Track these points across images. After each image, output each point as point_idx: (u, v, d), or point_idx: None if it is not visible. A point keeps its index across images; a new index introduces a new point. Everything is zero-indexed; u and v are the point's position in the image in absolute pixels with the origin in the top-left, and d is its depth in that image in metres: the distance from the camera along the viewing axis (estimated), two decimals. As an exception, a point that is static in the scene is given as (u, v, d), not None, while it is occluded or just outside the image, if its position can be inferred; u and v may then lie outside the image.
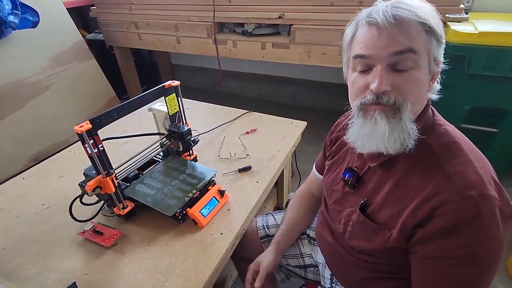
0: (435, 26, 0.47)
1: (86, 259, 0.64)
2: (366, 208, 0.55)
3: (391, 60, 0.46)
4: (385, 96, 0.47)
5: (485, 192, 0.43)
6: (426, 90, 0.50)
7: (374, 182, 0.55)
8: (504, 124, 1.30)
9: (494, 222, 0.43)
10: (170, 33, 1.89)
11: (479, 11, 1.55)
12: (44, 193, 0.84)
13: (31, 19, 1.60)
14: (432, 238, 0.46)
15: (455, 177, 0.45)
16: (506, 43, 1.14)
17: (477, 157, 0.48)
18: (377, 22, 0.46)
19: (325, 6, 1.43)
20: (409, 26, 0.46)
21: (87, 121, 0.58)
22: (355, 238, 0.58)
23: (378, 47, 0.46)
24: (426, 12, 0.47)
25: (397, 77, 0.46)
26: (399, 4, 0.47)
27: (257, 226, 0.83)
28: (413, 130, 0.48)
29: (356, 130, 0.53)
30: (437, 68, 0.50)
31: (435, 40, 0.47)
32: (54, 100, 1.80)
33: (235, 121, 1.14)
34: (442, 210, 0.44)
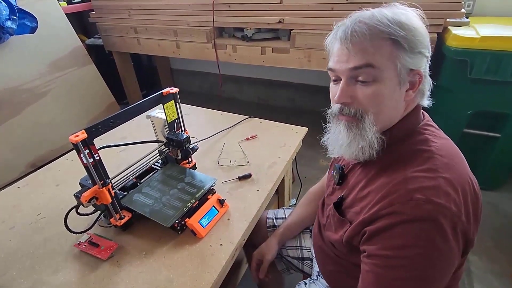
0: (402, 37, 0.46)
1: (81, 273, 0.62)
2: (342, 203, 0.58)
3: (351, 74, 0.49)
4: (346, 108, 0.51)
5: (434, 199, 0.42)
6: (394, 101, 0.50)
7: (353, 179, 0.58)
8: (507, 128, 1.29)
9: (439, 231, 0.42)
10: (169, 38, 1.88)
11: (480, 15, 1.54)
12: (39, 202, 0.82)
13: (29, 24, 1.59)
14: (373, 236, 0.47)
15: (411, 180, 0.45)
16: (508, 48, 1.13)
17: (451, 172, 0.46)
18: (340, 38, 0.49)
19: (325, 11, 1.42)
20: (366, 41, 0.47)
21: (82, 130, 0.56)
22: (329, 230, 0.62)
23: (341, 62, 0.50)
24: (395, 24, 0.46)
25: (358, 89, 0.49)
26: (365, 18, 0.48)
27: (267, 216, 0.90)
28: (375, 139, 0.50)
29: (328, 135, 0.58)
30: (415, 77, 0.49)
31: (403, 51, 0.47)
32: (52, 105, 1.79)
33: (235, 127, 1.12)
34: (388, 210, 0.45)
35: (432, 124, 0.55)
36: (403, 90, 0.50)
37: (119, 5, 1.98)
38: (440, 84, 1.38)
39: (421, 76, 0.50)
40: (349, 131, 0.52)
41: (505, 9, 1.51)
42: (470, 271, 1.15)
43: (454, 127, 1.38)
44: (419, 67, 0.49)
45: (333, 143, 0.56)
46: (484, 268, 1.16)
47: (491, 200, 1.43)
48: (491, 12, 1.54)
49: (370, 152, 0.51)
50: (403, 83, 0.49)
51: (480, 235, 1.25)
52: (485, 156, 1.41)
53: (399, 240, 0.43)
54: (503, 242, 1.25)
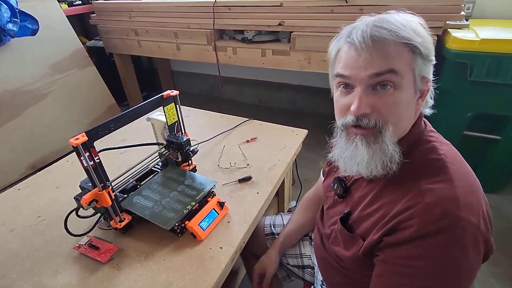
0: (420, 44, 0.45)
1: (81, 276, 0.62)
2: (349, 218, 0.56)
3: (371, 81, 0.45)
4: (365, 119, 0.47)
5: (452, 212, 0.41)
6: (410, 110, 0.49)
7: (358, 193, 0.56)
8: (507, 131, 1.29)
9: (459, 245, 0.41)
10: (169, 40, 1.89)
11: (479, 17, 1.54)
12: (39, 204, 0.82)
13: (30, 27, 1.60)
14: (393, 245, 0.46)
15: (428, 192, 0.44)
16: (508, 50, 1.13)
17: (463, 179, 0.46)
18: (355, 43, 0.45)
19: (325, 13, 1.43)
20: (389, 46, 0.44)
21: (82, 133, 0.57)
22: (336, 245, 0.59)
23: (357, 68, 0.46)
24: (410, 30, 0.45)
25: (377, 98, 0.46)
26: (381, 22, 0.46)
27: (264, 223, 0.88)
28: (396, 152, 0.47)
29: (338, 151, 0.53)
30: (426, 85, 0.49)
31: (420, 58, 0.46)
32: (53, 107, 1.79)
33: (235, 129, 1.12)
34: (407, 223, 0.44)
35: (433, 130, 0.54)
36: (415, 99, 0.49)
37: (120, 7, 1.99)
38: (440, 86, 1.38)
39: (430, 84, 0.49)
40: (367, 146, 0.48)
41: (505, 11, 1.51)
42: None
43: (454, 130, 1.38)
44: (429, 75, 0.49)
45: (347, 161, 0.51)
46: (486, 271, 1.15)
47: (492, 203, 1.42)
48: (491, 15, 1.54)
49: (391, 167, 0.48)
50: (416, 91, 0.48)
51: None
52: (485, 159, 1.41)
53: (417, 251, 0.43)
54: (505, 245, 1.24)
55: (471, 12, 1.56)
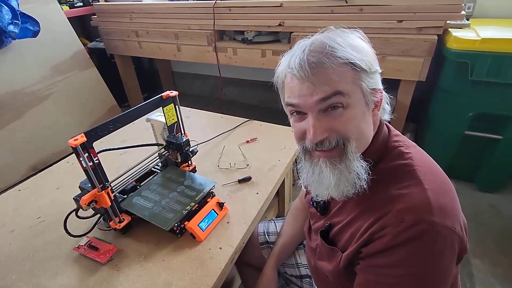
0: (360, 60, 0.44)
1: (80, 276, 0.62)
2: (329, 232, 0.56)
3: (320, 106, 0.45)
4: (325, 142, 0.46)
5: (425, 218, 0.41)
6: (367, 123, 0.48)
7: (336, 207, 0.56)
8: (509, 131, 1.28)
9: (434, 249, 0.41)
10: (170, 41, 1.89)
11: (480, 17, 1.54)
12: (39, 205, 0.83)
13: (31, 28, 1.60)
14: (371, 256, 0.45)
15: (398, 199, 0.44)
16: (509, 50, 1.12)
17: (433, 180, 0.45)
18: (295, 73, 0.45)
19: (326, 14, 1.42)
20: (328, 70, 0.44)
21: (81, 134, 0.57)
22: (322, 259, 0.59)
23: (303, 96, 0.45)
24: (348, 47, 0.45)
25: (331, 120, 0.45)
26: (317, 46, 0.45)
27: (258, 231, 0.85)
28: (362, 168, 0.47)
29: (306, 176, 0.52)
30: (377, 96, 0.49)
31: (364, 73, 0.45)
32: (54, 109, 1.80)
33: (235, 130, 1.12)
34: (381, 233, 0.43)
35: (397, 134, 0.53)
36: (370, 110, 0.48)
37: (121, 8, 2.00)
38: (440, 86, 1.38)
39: (381, 94, 0.49)
40: (332, 168, 0.47)
41: (505, 11, 1.50)
42: (472, 274, 1.13)
43: (455, 130, 1.38)
44: (379, 85, 0.49)
45: (316, 186, 0.51)
46: (486, 271, 1.14)
47: (493, 203, 1.42)
48: (491, 14, 1.53)
49: (360, 183, 0.47)
50: (368, 104, 0.48)
51: (482, 238, 1.25)
52: (486, 158, 1.40)
53: (393, 260, 0.43)
54: (505, 244, 1.23)
55: (472, 12, 1.55)
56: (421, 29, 1.30)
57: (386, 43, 1.33)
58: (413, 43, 1.28)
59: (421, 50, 1.28)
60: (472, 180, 1.51)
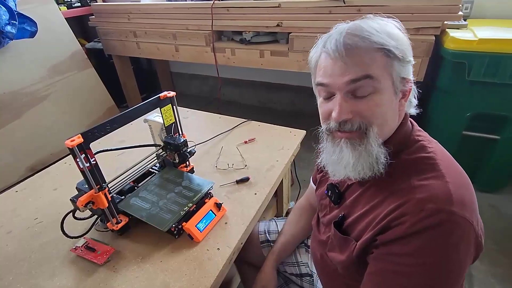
0: (394, 47, 0.46)
1: (77, 278, 0.62)
2: (343, 222, 0.56)
3: (349, 88, 0.46)
4: (348, 123, 0.48)
5: (445, 207, 0.41)
6: (393, 111, 0.49)
7: (352, 197, 0.56)
8: (506, 131, 1.29)
9: (451, 240, 0.41)
10: (168, 41, 1.89)
11: (477, 17, 1.54)
12: (37, 206, 0.82)
13: (29, 29, 1.60)
14: (386, 243, 0.45)
15: (419, 189, 0.44)
16: (506, 50, 1.13)
17: (453, 175, 0.46)
18: (330, 52, 0.47)
19: (323, 14, 1.43)
20: (362, 53, 0.45)
21: (78, 135, 0.57)
22: (332, 250, 0.59)
23: (335, 76, 0.47)
24: (384, 34, 0.46)
25: (357, 103, 0.47)
26: (354, 30, 0.47)
27: (258, 230, 0.86)
28: (381, 154, 0.48)
29: (325, 156, 0.54)
30: (407, 86, 0.49)
31: (396, 61, 0.46)
32: (52, 109, 1.79)
33: (233, 130, 1.12)
34: (400, 220, 0.44)
35: (420, 129, 0.54)
36: (397, 99, 0.49)
37: (119, 9, 2.00)
38: (438, 86, 1.38)
39: (411, 84, 0.50)
40: (353, 149, 0.48)
41: (503, 11, 1.51)
42: (471, 275, 1.14)
43: (453, 129, 1.38)
44: (410, 75, 0.49)
45: (334, 165, 0.52)
46: (486, 271, 1.15)
47: (492, 203, 1.42)
48: (489, 15, 1.54)
49: (378, 168, 0.48)
50: (397, 93, 0.49)
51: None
52: (485, 159, 1.41)
53: (409, 248, 0.43)
54: (505, 245, 1.23)
55: (469, 12, 1.56)
56: (418, 29, 1.30)
57: (384, 43, 1.33)
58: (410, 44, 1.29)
59: (419, 51, 1.28)
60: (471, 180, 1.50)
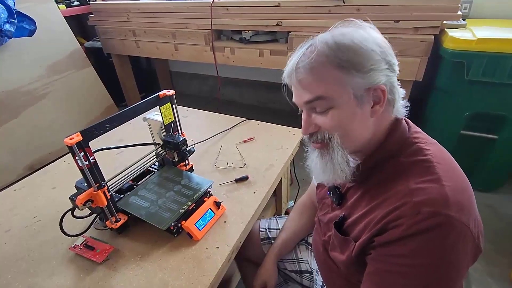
0: (347, 61, 0.45)
1: (76, 276, 0.62)
2: (344, 223, 0.57)
3: (308, 106, 0.51)
4: (314, 136, 0.53)
5: (441, 211, 0.41)
6: (360, 121, 0.49)
7: (353, 198, 0.57)
8: (505, 130, 1.29)
9: (448, 242, 0.41)
10: (167, 40, 1.89)
11: (476, 17, 1.55)
12: (35, 205, 0.82)
13: (27, 27, 1.59)
14: (383, 245, 0.46)
15: (416, 192, 0.44)
16: (504, 50, 1.13)
17: (452, 178, 0.46)
18: (288, 76, 0.51)
19: (323, 14, 1.43)
20: (310, 75, 0.48)
21: (77, 133, 0.56)
22: (334, 250, 0.60)
23: (296, 97, 0.52)
24: (338, 50, 0.46)
25: (319, 117, 0.51)
26: (307, 50, 0.49)
27: (259, 227, 0.87)
28: (346, 162, 0.51)
29: (309, 161, 0.59)
30: (378, 93, 0.48)
31: (352, 75, 0.46)
32: (50, 108, 1.79)
33: (232, 129, 1.12)
34: (396, 223, 0.44)
35: (418, 131, 0.54)
36: (366, 109, 0.48)
37: (118, 8, 1.99)
38: (437, 85, 1.39)
39: (383, 91, 0.48)
40: (322, 158, 0.54)
41: (501, 11, 1.51)
42: (469, 274, 1.14)
43: (451, 129, 1.38)
44: (377, 83, 0.47)
45: (313, 171, 0.58)
46: (483, 271, 1.15)
47: (490, 203, 1.43)
48: (487, 15, 1.54)
49: (343, 175, 0.52)
50: (362, 103, 0.48)
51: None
52: (483, 158, 1.41)
53: (406, 249, 0.43)
54: (503, 245, 1.24)
55: (468, 12, 1.56)
56: (417, 29, 1.30)
57: (383, 43, 1.33)
58: (410, 43, 1.29)
59: (418, 50, 1.28)
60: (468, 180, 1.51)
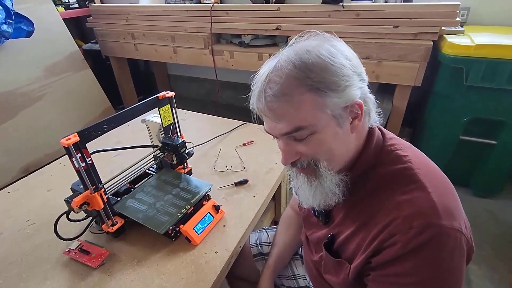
0: (319, 82, 0.41)
1: (70, 281, 0.60)
2: (334, 242, 0.55)
3: (286, 137, 0.46)
4: (298, 163, 0.49)
5: (433, 221, 0.40)
6: (341, 140, 0.46)
7: (339, 217, 0.55)
8: (503, 135, 1.29)
9: (445, 252, 0.40)
10: (166, 43, 1.89)
11: (474, 24, 1.56)
12: (30, 208, 0.80)
13: (25, 28, 1.58)
14: (382, 265, 0.44)
15: (404, 205, 0.43)
16: (503, 56, 1.14)
17: (434, 182, 0.44)
18: (257, 107, 0.46)
19: (323, 18, 1.43)
20: (285, 104, 0.43)
21: (74, 134, 0.55)
22: (327, 272, 0.58)
23: (271, 128, 0.47)
24: (308, 71, 0.41)
25: (299, 145, 0.46)
26: (274, 75, 0.43)
27: (250, 243, 0.82)
28: (336, 185, 0.49)
29: (293, 184, 0.55)
30: (355, 108, 0.45)
31: (327, 96, 0.42)
32: (47, 110, 1.77)
33: (231, 132, 1.11)
34: (390, 241, 0.43)
35: (392, 137, 0.52)
36: (346, 126, 0.46)
37: (117, 10, 1.99)
38: (436, 91, 1.39)
39: (360, 105, 0.45)
40: (309, 183, 0.50)
41: (499, 18, 1.53)
42: (470, 280, 1.13)
43: (450, 134, 1.39)
44: (352, 99, 0.44)
45: (300, 195, 0.55)
46: (483, 276, 1.14)
47: (489, 208, 1.42)
48: (485, 22, 1.56)
49: (335, 198, 0.50)
50: (342, 121, 0.45)
51: (479, 243, 1.24)
52: (482, 163, 1.41)
53: (405, 268, 0.42)
54: (502, 249, 1.23)
55: (466, 19, 1.58)
56: (416, 34, 1.31)
57: (382, 48, 1.34)
58: (409, 49, 1.30)
59: (417, 55, 1.29)
60: (468, 185, 1.51)
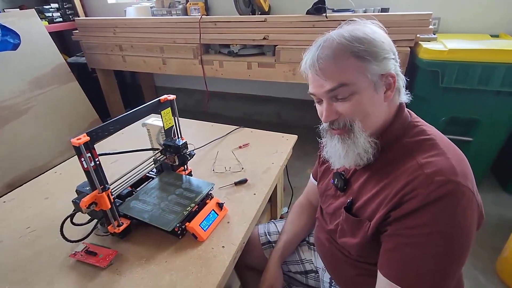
0: (364, 50, 0.51)
1: (78, 283, 0.60)
2: (352, 207, 0.60)
3: (330, 95, 0.54)
4: (335, 123, 0.56)
5: (453, 179, 0.46)
6: (377, 105, 0.54)
7: (358, 182, 0.60)
8: (478, 133, 1.39)
9: (459, 208, 0.45)
10: (155, 54, 1.91)
11: (444, 32, 1.70)
12: (28, 216, 0.79)
13: (11, 41, 1.57)
14: (400, 218, 0.49)
15: (426, 165, 0.49)
16: (473, 59, 1.25)
17: (454, 153, 0.51)
18: (309, 67, 0.54)
19: (307, 28, 1.52)
20: (334, 65, 0.51)
21: (84, 134, 0.57)
22: (344, 236, 0.62)
23: (317, 87, 0.55)
24: (355, 41, 0.51)
25: (340, 105, 0.54)
26: (326, 43, 0.53)
27: (259, 233, 0.87)
28: (369, 144, 0.54)
29: (327, 149, 0.62)
30: (389, 79, 0.53)
31: (369, 62, 0.51)
32: (33, 123, 1.73)
33: (226, 137, 1.14)
34: (412, 194, 0.47)
35: (416, 117, 0.60)
36: (381, 93, 0.54)
37: (105, 23, 2.00)
38: (414, 93, 1.49)
39: (393, 77, 0.54)
40: (343, 143, 0.56)
41: (465, 26, 1.68)
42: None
43: (431, 133, 1.47)
44: (388, 70, 0.53)
45: (333, 156, 0.60)
46: (468, 263, 1.20)
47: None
48: (453, 30, 1.70)
49: (367, 157, 0.55)
50: (378, 88, 0.53)
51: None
52: (460, 160, 1.51)
53: (423, 219, 0.46)
54: (482, 238, 1.31)
55: (437, 28, 1.71)
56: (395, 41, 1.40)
57: (364, 54, 1.43)
58: (388, 54, 1.39)
59: (396, 61, 1.39)
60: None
